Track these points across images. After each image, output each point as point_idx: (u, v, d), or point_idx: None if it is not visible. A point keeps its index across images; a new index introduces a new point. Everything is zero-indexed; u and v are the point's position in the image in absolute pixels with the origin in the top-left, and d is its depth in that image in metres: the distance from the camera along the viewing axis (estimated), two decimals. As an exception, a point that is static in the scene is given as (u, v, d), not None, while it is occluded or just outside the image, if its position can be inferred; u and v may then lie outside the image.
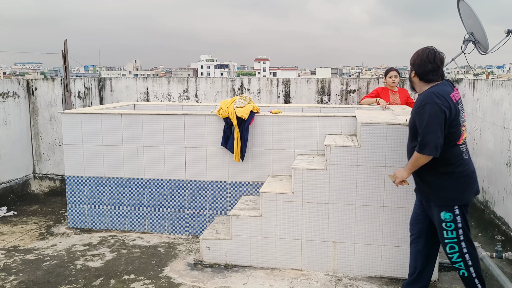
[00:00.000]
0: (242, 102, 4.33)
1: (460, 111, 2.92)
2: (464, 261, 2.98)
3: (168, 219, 4.65)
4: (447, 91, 2.90)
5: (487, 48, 6.35)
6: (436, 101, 2.83)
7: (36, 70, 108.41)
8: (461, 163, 2.91)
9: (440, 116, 2.82)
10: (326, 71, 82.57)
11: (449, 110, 2.83)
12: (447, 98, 2.86)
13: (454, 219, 2.94)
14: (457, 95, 2.95)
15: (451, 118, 2.85)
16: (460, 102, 2.94)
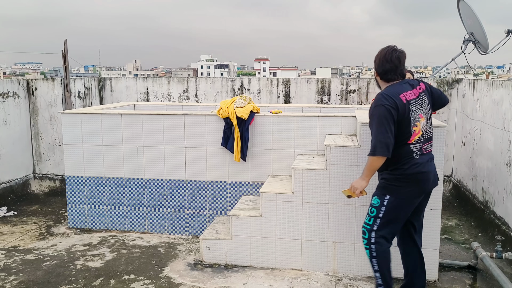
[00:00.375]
0: (242, 102, 4.33)
1: (412, 110, 2.91)
2: (370, 251, 3.05)
3: (168, 219, 4.65)
4: (398, 91, 2.92)
5: (487, 48, 6.35)
6: (383, 103, 2.88)
7: (36, 70, 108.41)
8: (407, 162, 2.93)
9: (387, 117, 2.86)
10: (326, 71, 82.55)
11: (396, 110, 2.86)
12: (395, 98, 2.89)
13: (378, 207, 3.01)
14: (411, 95, 2.94)
15: (399, 118, 2.88)
16: (413, 101, 2.93)
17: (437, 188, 3.52)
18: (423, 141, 2.96)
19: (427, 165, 2.97)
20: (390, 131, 2.86)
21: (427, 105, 3.01)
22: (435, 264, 3.61)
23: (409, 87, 2.98)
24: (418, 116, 2.94)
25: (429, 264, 3.60)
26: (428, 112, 3.02)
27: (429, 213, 3.55)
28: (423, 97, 2.99)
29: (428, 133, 3.00)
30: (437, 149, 3.48)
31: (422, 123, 2.96)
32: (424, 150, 2.97)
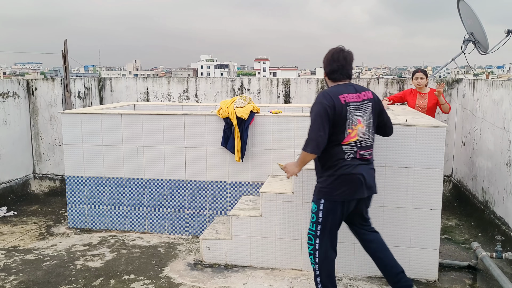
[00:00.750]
0: (242, 102, 4.33)
1: (349, 112, 2.90)
2: (314, 257, 3.05)
3: (168, 219, 4.65)
4: (339, 92, 2.94)
5: (487, 48, 6.36)
6: (321, 101, 2.91)
7: (36, 70, 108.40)
8: (339, 163, 2.94)
9: (323, 115, 2.88)
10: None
11: (332, 109, 2.87)
12: (334, 97, 2.90)
13: (317, 212, 3.02)
14: (352, 98, 2.94)
15: (335, 117, 2.89)
16: (353, 104, 2.92)
17: (437, 188, 3.52)
18: (358, 146, 2.94)
19: (359, 168, 2.94)
20: (323, 129, 2.89)
21: (370, 115, 2.99)
22: (435, 264, 3.61)
23: (353, 90, 2.98)
24: (356, 121, 2.93)
25: (429, 264, 3.61)
26: (370, 121, 2.99)
27: (429, 213, 3.55)
28: (366, 105, 2.97)
29: (366, 142, 2.98)
30: (437, 149, 3.49)
31: (360, 129, 2.94)
32: (358, 155, 2.95)
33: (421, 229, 3.58)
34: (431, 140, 3.49)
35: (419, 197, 3.55)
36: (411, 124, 3.52)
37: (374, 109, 3.01)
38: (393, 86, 6.14)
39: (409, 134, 3.51)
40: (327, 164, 2.98)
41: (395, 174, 3.57)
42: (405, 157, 3.54)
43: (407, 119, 3.71)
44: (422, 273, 3.62)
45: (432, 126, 3.50)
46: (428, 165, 3.51)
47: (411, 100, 5.22)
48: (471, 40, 6.50)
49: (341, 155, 2.93)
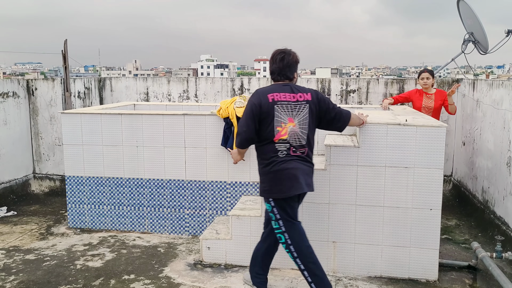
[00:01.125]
0: (242, 102, 4.33)
1: (278, 111, 3.01)
2: (291, 252, 3.12)
3: (168, 219, 4.65)
4: (270, 91, 3.06)
5: (487, 48, 6.35)
6: (251, 99, 3.08)
7: (36, 70, 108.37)
8: (272, 160, 3.04)
9: (248, 113, 3.05)
10: (326, 71, 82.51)
11: (258, 107, 3.01)
12: (262, 96, 3.03)
13: (272, 210, 3.11)
14: (284, 97, 3.03)
15: (262, 115, 3.01)
16: (283, 103, 3.02)
17: (437, 188, 3.52)
18: (290, 145, 3.04)
19: (293, 163, 3.03)
20: (247, 125, 3.05)
21: (305, 115, 3.06)
22: (435, 264, 3.61)
23: (288, 90, 3.07)
24: (286, 119, 3.02)
25: (429, 264, 3.61)
26: (304, 122, 3.06)
27: (429, 213, 3.55)
28: (301, 105, 3.05)
29: (299, 141, 3.06)
30: (437, 149, 3.49)
31: (291, 127, 3.02)
32: (292, 152, 3.04)
33: (421, 229, 3.58)
34: (431, 140, 3.49)
35: (419, 197, 3.55)
36: (411, 124, 3.52)
37: (312, 110, 3.10)
38: (393, 86, 6.14)
39: (409, 134, 3.51)
40: (264, 162, 3.11)
41: (395, 174, 3.56)
42: (405, 157, 3.54)
43: (407, 119, 3.70)
44: (422, 273, 3.62)
45: (432, 126, 3.50)
46: (428, 165, 3.51)
47: (417, 101, 5.15)
48: (471, 40, 6.49)
49: (275, 152, 3.04)
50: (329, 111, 3.16)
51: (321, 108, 3.14)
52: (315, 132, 3.20)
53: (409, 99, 5.26)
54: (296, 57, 3.16)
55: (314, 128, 3.18)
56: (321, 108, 3.14)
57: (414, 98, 5.19)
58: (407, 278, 3.64)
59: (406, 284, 3.58)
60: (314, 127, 3.18)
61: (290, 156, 3.04)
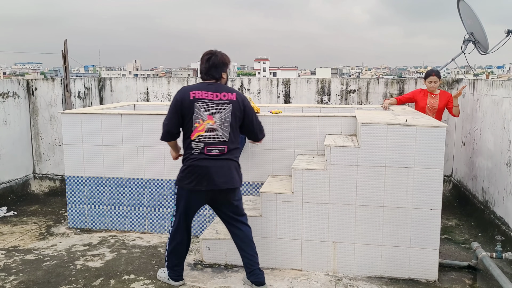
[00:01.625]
0: (242, 102, 4.32)
1: (197, 108, 3.20)
2: (170, 233, 3.45)
3: (168, 219, 4.64)
4: (193, 89, 3.25)
5: (487, 48, 6.35)
6: (176, 95, 3.28)
7: (36, 70, 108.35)
8: (188, 156, 3.26)
9: (171, 108, 3.27)
10: (326, 71, 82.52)
11: (180, 103, 3.22)
12: (185, 93, 3.23)
13: (174, 195, 3.42)
14: (206, 95, 3.21)
15: (183, 111, 3.23)
16: (204, 101, 3.21)
17: (437, 188, 3.53)
18: (206, 142, 3.20)
19: (205, 162, 3.20)
20: (170, 120, 3.29)
21: (227, 114, 3.22)
22: (435, 264, 3.62)
23: (212, 89, 3.25)
24: (205, 116, 3.20)
25: (429, 264, 3.61)
26: (226, 120, 3.22)
27: (429, 213, 3.55)
28: (223, 104, 3.22)
29: (217, 138, 3.22)
30: (437, 149, 3.49)
31: (210, 124, 3.20)
32: (206, 151, 3.20)
33: (421, 229, 3.58)
34: (431, 140, 3.49)
35: (419, 197, 3.55)
36: (411, 124, 3.52)
37: (235, 110, 3.25)
38: (393, 86, 6.14)
39: (409, 134, 3.51)
40: (184, 155, 3.33)
41: (395, 174, 3.57)
42: (405, 157, 3.54)
43: (407, 119, 3.71)
44: (422, 273, 3.62)
45: (432, 126, 3.50)
46: (428, 165, 3.51)
47: (421, 101, 5.08)
48: (471, 40, 6.49)
49: (190, 149, 3.25)
50: (246, 117, 3.33)
51: (245, 113, 3.31)
52: (239, 131, 3.36)
53: (413, 99, 5.19)
54: (223, 58, 3.33)
55: (238, 127, 3.33)
56: (243, 112, 3.30)
57: (418, 98, 5.12)
58: (407, 278, 3.64)
59: (406, 284, 3.58)
60: (238, 126, 3.32)
61: (203, 154, 3.21)
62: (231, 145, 3.26)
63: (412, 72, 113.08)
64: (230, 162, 3.27)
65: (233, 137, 3.28)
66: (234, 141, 3.29)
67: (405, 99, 5.24)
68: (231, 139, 3.26)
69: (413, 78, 6.27)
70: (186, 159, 3.28)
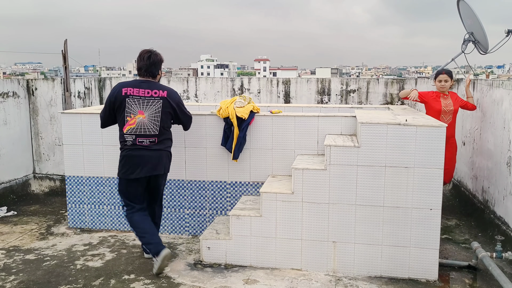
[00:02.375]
0: (242, 102, 4.33)
1: (129, 103, 3.58)
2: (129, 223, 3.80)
3: (168, 219, 4.65)
4: (127, 85, 3.63)
5: (487, 48, 6.35)
6: (110, 91, 3.68)
7: (36, 70, 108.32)
8: (123, 147, 3.66)
9: (107, 101, 3.68)
10: (326, 71, 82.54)
11: (113, 98, 3.62)
12: (118, 89, 3.63)
13: (118, 187, 3.79)
14: (137, 92, 3.60)
15: (115, 105, 3.62)
16: (135, 97, 3.58)
17: (437, 188, 3.53)
18: (137, 134, 3.59)
19: (137, 151, 3.59)
20: (104, 112, 3.72)
21: (158, 110, 3.62)
22: (435, 264, 3.62)
23: (145, 86, 3.63)
24: (136, 111, 3.58)
25: (429, 264, 3.61)
26: (156, 115, 3.61)
27: (429, 213, 3.56)
28: (154, 100, 3.61)
29: (148, 131, 3.60)
30: (437, 149, 3.49)
31: (141, 118, 3.58)
32: (138, 142, 3.59)
33: (421, 229, 3.58)
34: (431, 140, 3.49)
35: (419, 197, 3.55)
36: (411, 124, 3.53)
37: (166, 106, 3.65)
38: (393, 86, 6.14)
39: (409, 134, 3.51)
40: (120, 146, 3.69)
41: (395, 174, 3.57)
42: (405, 157, 3.54)
43: (407, 119, 3.71)
44: (422, 273, 3.62)
45: (432, 126, 3.50)
46: (428, 165, 3.51)
47: (434, 103, 4.78)
48: (471, 40, 6.49)
49: (124, 141, 3.63)
50: (177, 111, 3.75)
51: (174, 106, 3.70)
52: (170, 124, 3.77)
53: (424, 99, 4.86)
54: (160, 57, 3.70)
55: (169, 121, 3.74)
56: (174, 107, 3.70)
57: (430, 99, 4.83)
58: (407, 278, 3.64)
59: (406, 284, 3.58)
60: (169, 120, 3.73)
61: (135, 145, 3.59)
62: (161, 137, 3.66)
63: (412, 72, 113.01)
64: (161, 152, 3.68)
65: (163, 130, 3.67)
66: (165, 133, 3.71)
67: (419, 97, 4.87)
68: (161, 132, 3.65)
69: (413, 78, 6.27)
70: (121, 149, 3.68)
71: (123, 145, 3.64)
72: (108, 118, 3.73)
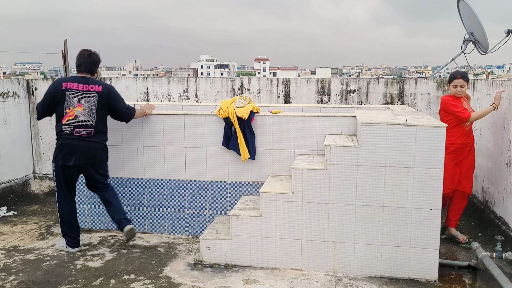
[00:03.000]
0: (242, 102, 4.33)
1: (68, 96, 3.93)
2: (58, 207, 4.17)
3: (168, 219, 4.65)
4: (67, 80, 4.01)
5: (487, 48, 6.36)
6: (50, 85, 4.02)
7: (36, 70, 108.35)
8: (60, 136, 3.97)
9: (46, 94, 4.01)
10: (326, 71, 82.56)
11: (53, 91, 3.96)
12: (59, 83, 3.98)
13: (54, 174, 4.15)
14: (76, 86, 3.95)
15: (56, 98, 3.95)
16: (74, 91, 3.94)
17: (437, 188, 3.52)
18: (75, 125, 3.93)
19: (73, 141, 3.93)
20: (43, 104, 4.03)
21: (94, 103, 3.98)
22: (435, 264, 3.62)
23: (82, 81, 4.00)
24: (75, 104, 3.94)
25: (429, 264, 3.61)
26: (93, 108, 3.98)
27: (429, 213, 3.56)
28: (90, 94, 3.98)
29: (85, 122, 3.96)
30: (437, 149, 3.49)
31: (79, 111, 3.94)
32: (75, 133, 3.94)
33: (421, 229, 3.59)
34: (431, 140, 3.49)
35: (419, 197, 3.56)
36: (411, 124, 3.53)
37: (101, 100, 4.00)
38: (393, 86, 6.14)
39: (409, 134, 3.51)
40: (56, 135, 4.00)
41: (395, 174, 3.57)
42: (405, 157, 3.54)
43: (407, 119, 3.71)
44: (422, 273, 3.62)
45: (432, 126, 3.50)
46: (428, 165, 3.51)
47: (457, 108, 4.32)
48: (471, 40, 6.49)
49: (61, 131, 3.94)
50: (113, 104, 4.09)
51: (110, 101, 4.06)
52: (106, 117, 4.11)
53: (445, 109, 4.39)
54: (99, 57, 4.16)
55: (104, 114, 4.08)
56: (111, 101, 4.06)
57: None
58: (407, 278, 3.64)
59: (406, 284, 3.58)
60: (104, 113, 4.07)
61: (72, 135, 3.93)
62: (97, 129, 4.01)
63: (412, 72, 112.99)
64: (96, 144, 4.03)
65: (100, 122, 4.03)
66: (101, 126, 4.06)
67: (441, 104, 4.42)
68: (98, 124, 4.01)
69: (413, 78, 6.26)
70: (58, 138, 3.98)
71: (60, 135, 3.96)
72: (47, 110, 4.03)
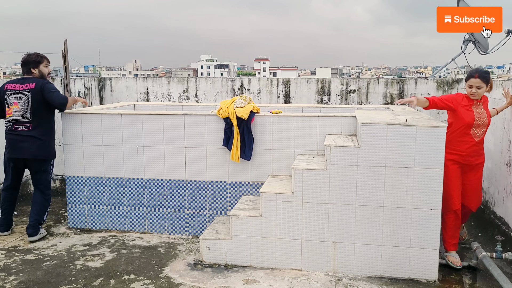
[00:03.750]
0: (242, 102, 4.33)
1: (7, 96, 4.34)
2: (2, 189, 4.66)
3: (168, 219, 4.65)
4: (8, 82, 4.44)
5: (487, 48, 6.36)
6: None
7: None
8: (5, 132, 4.39)
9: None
10: (326, 71, 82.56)
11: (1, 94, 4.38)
12: (2, 87, 4.42)
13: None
14: (14, 87, 4.35)
15: (1, 100, 4.39)
16: (12, 91, 4.34)
17: (437, 188, 3.53)
18: (13, 122, 4.33)
19: (14, 136, 4.34)
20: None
21: (29, 100, 4.30)
22: (435, 264, 3.62)
23: (20, 81, 4.38)
24: (12, 102, 4.33)
25: (429, 264, 3.62)
26: (28, 105, 4.30)
27: (429, 213, 3.56)
28: (25, 93, 4.31)
29: (22, 118, 4.32)
30: (437, 149, 3.49)
31: (16, 109, 4.32)
32: (14, 128, 4.33)
33: (421, 229, 3.59)
34: (431, 140, 3.49)
35: (419, 197, 3.56)
36: (411, 124, 3.53)
37: (35, 96, 4.31)
38: (393, 86, 6.14)
39: (409, 134, 3.52)
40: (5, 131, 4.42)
41: (395, 174, 3.57)
42: (405, 157, 3.54)
43: (407, 119, 3.70)
44: (422, 273, 3.62)
45: (432, 126, 3.50)
46: (428, 165, 3.51)
47: (465, 114, 3.77)
48: (471, 40, 6.49)
49: (5, 126, 4.40)
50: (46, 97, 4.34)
51: (44, 95, 4.33)
52: (47, 112, 4.41)
53: (452, 106, 3.82)
54: (30, 57, 4.42)
55: (42, 109, 4.36)
56: (45, 95, 4.33)
57: (459, 107, 3.81)
58: (407, 278, 3.64)
59: (406, 284, 3.58)
60: (42, 108, 4.35)
61: (13, 130, 4.34)
62: (35, 123, 4.33)
63: (412, 72, 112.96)
64: (33, 138, 4.33)
65: (39, 117, 4.34)
66: (39, 120, 4.35)
67: (442, 103, 3.85)
68: (35, 119, 4.32)
69: (413, 78, 6.27)
70: (5, 132, 4.40)
71: (5, 129, 4.40)
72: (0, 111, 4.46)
